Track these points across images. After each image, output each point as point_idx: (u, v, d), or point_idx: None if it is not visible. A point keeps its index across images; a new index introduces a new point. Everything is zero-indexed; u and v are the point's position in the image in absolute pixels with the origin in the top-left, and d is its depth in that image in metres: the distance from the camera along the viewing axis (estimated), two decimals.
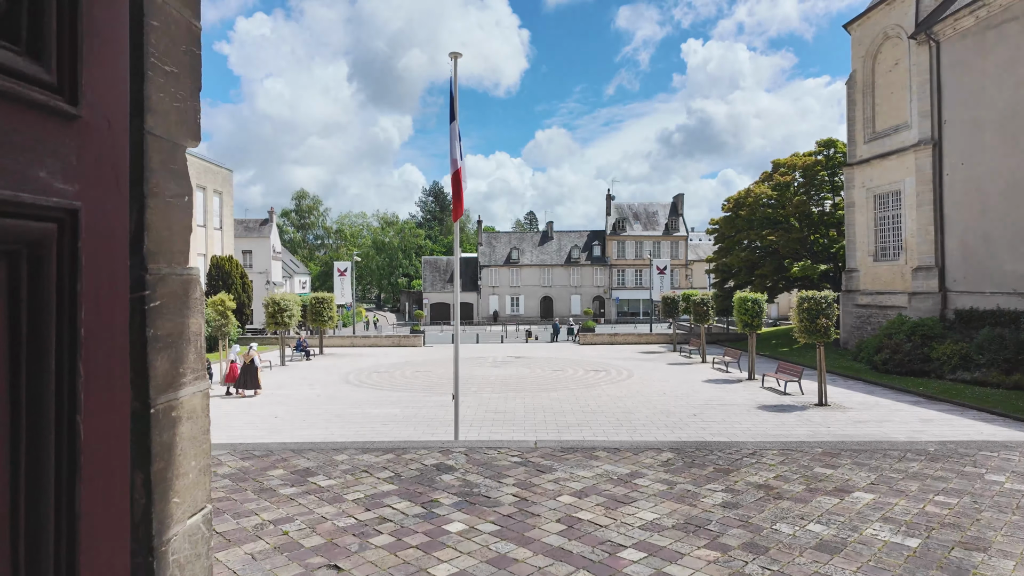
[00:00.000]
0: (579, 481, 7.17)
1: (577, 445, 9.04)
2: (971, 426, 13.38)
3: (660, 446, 8.91)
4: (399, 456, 8.23)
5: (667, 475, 7.44)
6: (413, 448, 8.80)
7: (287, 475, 7.46)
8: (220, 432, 13.18)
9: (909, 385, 18.89)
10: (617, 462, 7.94)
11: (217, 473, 7.30)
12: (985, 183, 21.99)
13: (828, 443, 9.32)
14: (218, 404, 16.78)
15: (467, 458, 8.08)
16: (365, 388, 19.61)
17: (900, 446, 9.07)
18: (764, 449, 8.62)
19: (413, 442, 9.56)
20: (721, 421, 14.14)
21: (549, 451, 8.41)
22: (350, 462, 7.94)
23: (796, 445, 8.97)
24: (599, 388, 19.41)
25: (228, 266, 37.26)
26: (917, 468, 7.73)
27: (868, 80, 27.80)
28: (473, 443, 9.28)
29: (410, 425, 13.78)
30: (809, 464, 7.96)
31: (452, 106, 10.55)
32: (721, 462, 7.99)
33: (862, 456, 8.37)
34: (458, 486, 6.95)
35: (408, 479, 7.25)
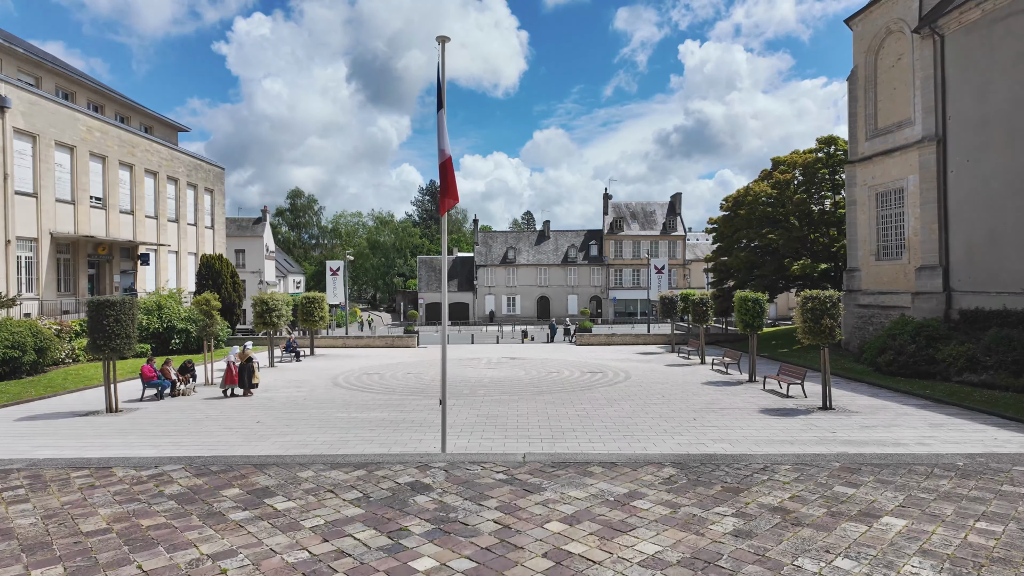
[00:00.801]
0: (570, 503, 6.52)
1: (569, 459, 8.42)
2: (983, 431, 12.82)
3: (661, 460, 8.28)
4: (370, 473, 7.59)
5: (670, 495, 6.81)
6: (387, 463, 8.17)
7: (242, 496, 6.81)
8: (197, 438, 12.54)
9: (915, 387, 18.34)
10: (614, 479, 7.32)
11: (164, 494, 6.63)
12: (991, 180, 21.46)
13: (846, 456, 8.71)
14: (202, 407, 16.13)
15: (446, 475, 7.46)
16: (354, 391, 18.97)
17: (925, 460, 8.43)
18: (776, 463, 7.98)
19: (389, 456, 8.89)
20: (723, 426, 13.54)
21: (538, 466, 7.79)
22: (315, 480, 7.28)
23: (811, 459, 8.35)
24: (595, 391, 18.81)
25: (218, 265, 36.53)
26: (948, 487, 7.10)
27: (870, 76, 27.25)
28: (456, 457, 8.63)
29: (397, 430, 13.15)
30: (827, 481, 7.34)
31: (440, 94, 9.91)
32: (729, 479, 7.36)
33: (885, 472, 7.75)
34: (433, 510, 6.29)
35: (377, 501, 6.59)
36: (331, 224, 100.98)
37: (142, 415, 15.23)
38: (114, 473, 8.12)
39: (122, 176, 33.75)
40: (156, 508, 6.42)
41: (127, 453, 10.55)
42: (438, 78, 9.84)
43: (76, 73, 36.73)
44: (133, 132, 34.87)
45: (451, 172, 9.79)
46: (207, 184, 42.56)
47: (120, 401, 16.62)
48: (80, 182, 30.08)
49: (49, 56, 36.27)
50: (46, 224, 27.80)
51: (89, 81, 36.74)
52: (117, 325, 15.23)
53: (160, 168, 36.79)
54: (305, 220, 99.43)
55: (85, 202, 30.47)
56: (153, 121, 41.55)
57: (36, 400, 17.44)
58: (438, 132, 9.89)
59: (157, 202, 36.79)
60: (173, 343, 28.56)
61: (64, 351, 23.45)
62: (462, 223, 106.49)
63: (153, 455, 9.93)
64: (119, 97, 38.53)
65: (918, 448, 11.34)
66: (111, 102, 37.75)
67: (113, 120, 34.54)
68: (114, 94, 38.21)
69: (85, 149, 30.37)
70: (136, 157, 34.57)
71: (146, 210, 35.66)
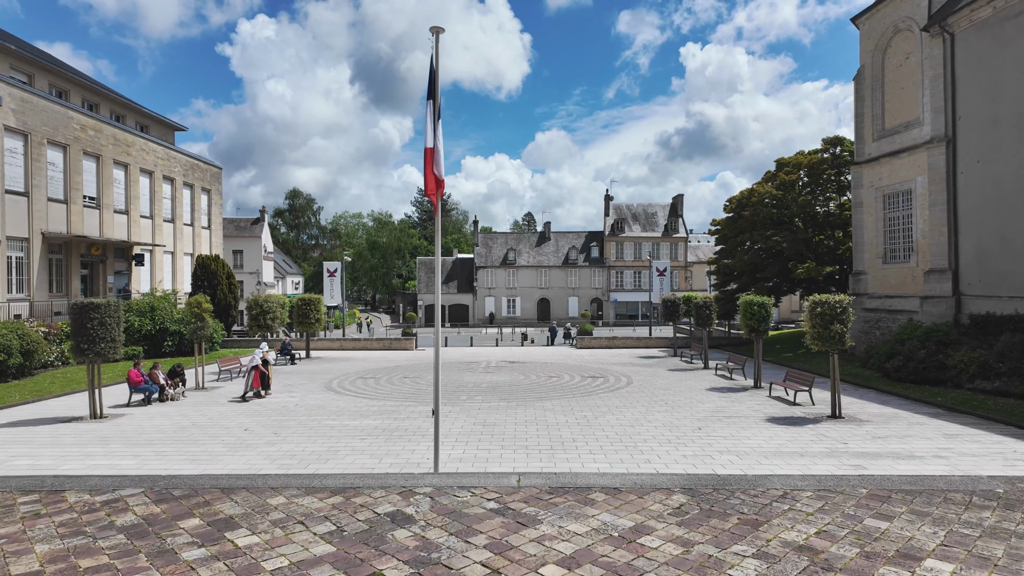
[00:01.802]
0: (569, 540, 5.85)
1: (568, 483, 7.81)
2: (1001, 443, 12.28)
3: (670, 484, 7.63)
4: (348, 500, 6.91)
5: (681, 530, 6.12)
6: (368, 488, 7.54)
7: (201, 528, 6.11)
8: (180, 447, 12.02)
9: (925, 395, 17.79)
10: (618, 509, 6.67)
11: (114, 525, 6.01)
12: (1003, 182, 20.92)
13: (871, 478, 8.04)
14: (190, 413, 15.61)
15: (432, 503, 6.80)
16: (348, 396, 18.45)
17: (960, 486, 7.74)
18: (796, 489, 7.38)
19: (373, 476, 8.22)
20: (729, 436, 13.01)
21: (535, 493, 7.20)
22: (286, 508, 6.64)
23: (834, 484, 7.68)
24: (597, 397, 18.28)
25: (214, 266, 36.02)
26: (992, 520, 6.44)
27: (877, 75, 26.72)
28: (443, 482, 7.93)
29: (390, 439, 12.62)
30: (856, 513, 6.65)
31: (432, 84, 9.42)
32: (746, 509, 6.69)
33: (919, 501, 7.08)
34: (413, 548, 5.59)
35: (352, 536, 5.92)
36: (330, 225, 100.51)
37: (127, 422, 14.71)
38: (65, 498, 7.62)
39: (117, 175, 33.27)
40: (101, 544, 5.77)
41: (89, 470, 9.94)
42: (431, 68, 9.37)
43: (70, 71, 36.27)
44: (128, 131, 34.39)
45: (432, 163, 9.30)
46: (204, 184, 42.10)
47: (106, 407, 16.12)
48: (73, 181, 29.59)
49: (42, 54, 35.81)
50: (38, 224, 27.31)
51: (83, 79, 36.27)
52: (102, 328, 14.72)
53: (156, 167, 36.31)
54: (304, 221, 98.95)
55: (78, 201, 29.99)
56: (149, 120, 41.09)
57: (20, 405, 16.93)
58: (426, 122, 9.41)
59: (153, 202, 36.30)
60: (166, 345, 28.04)
61: (53, 354, 22.94)
62: (462, 224, 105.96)
63: (116, 474, 9.31)
64: (114, 95, 38.06)
65: (937, 463, 10.81)
66: (106, 100, 37.28)
67: (108, 119, 34.07)
68: (109, 92, 37.75)
69: (78, 148, 29.89)
70: (131, 156, 34.10)
71: (141, 210, 35.17)
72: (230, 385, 20.71)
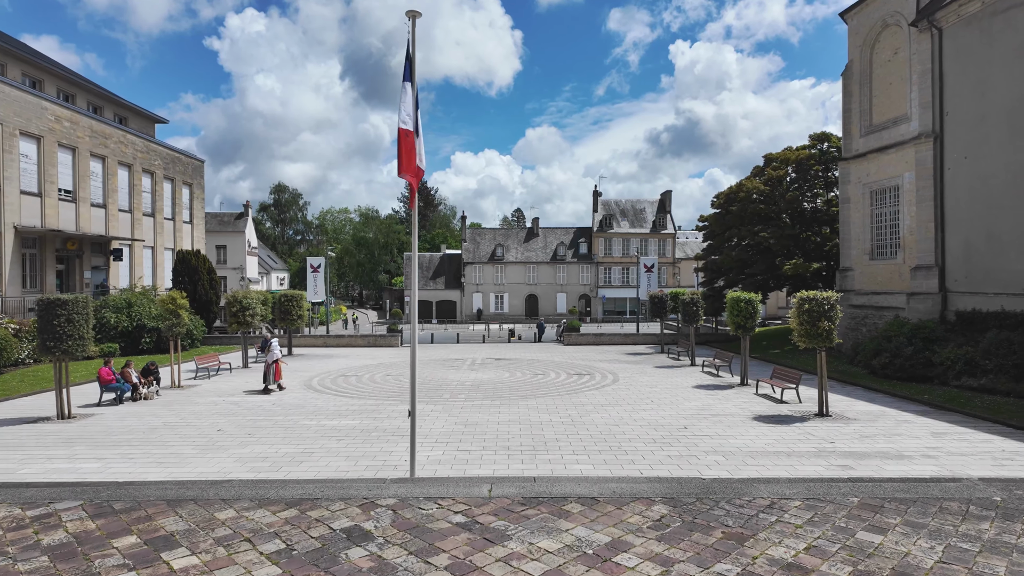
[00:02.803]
0: (539, 559, 5.41)
1: (543, 493, 7.43)
2: (989, 442, 12.12)
3: (651, 493, 7.27)
4: (303, 513, 6.38)
5: (661, 546, 5.72)
6: (326, 499, 7.05)
7: (136, 547, 5.52)
8: (148, 449, 11.57)
9: (912, 392, 17.67)
10: (594, 522, 6.26)
11: (40, 544, 5.48)
12: (990, 178, 20.84)
13: (862, 485, 7.64)
14: (162, 413, 15.11)
15: (394, 517, 6.31)
16: (328, 394, 18.01)
17: (955, 493, 7.47)
18: (784, 499, 7.04)
19: (334, 485, 7.69)
20: (715, 435, 12.75)
21: (506, 504, 6.76)
22: (235, 523, 6.10)
23: (823, 492, 7.42)
24: (582, 395, 17.99)
25: (195, 261, 35.30)
26: (992, 532, 6.09)
27: (865, 71, 26.59)
28: (412, 486, 7.43)
29: (368, 440, 12.23)
30: (847, 525, 6.28)
31: (409, 67, 9.05)
32: (731, 521, 6.31)
33: (913, 511, 6.72)
34: (366, 571, 5.11)
35: (302, 556, 5.40)
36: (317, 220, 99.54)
37: (95, 422, 14.19)
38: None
39: (94, 168, 32.44)
40: (20, 567, 5.12)
41: (41, 476, 9.38)
42: (408, 52, 9.00)
43: (46, 61, 35.33)
44: (106, 123, 33.55)
45: (405, 145, 8.93)
46: (185, 177, 41.28)
47: (75, 406, 15.58)
48: (48, 174, 28.79)
49: (15, 42, 34.84)
50: (9, 217, 26.53)
51: (59, 69, 35.35)
52: (69, 325, 14.18)
53: (135, 160, 35.48)
54: (290, 216, 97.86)
55: (53, 195, 29.19)
56: (128, 112, 40.18)
57: None
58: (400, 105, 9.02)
59: (132, 195, 35.47)
60: (144, 342, 27.41)
61: (24, 351, 22.29)
62: (450, 220, 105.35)
63: (63, 480, 8.69)
64: (91, 86, 37.15)
65: (926, 463, 10.61)
66: (83, 91, 36.37)
67: (84, 110, 33.22)
68: (86, 83, 36.84)
69: (53, 139, 29.07)
70: (109, 148, 33.27)
71: (120, 204, 34.36)
72: (208, 383, 20.20)
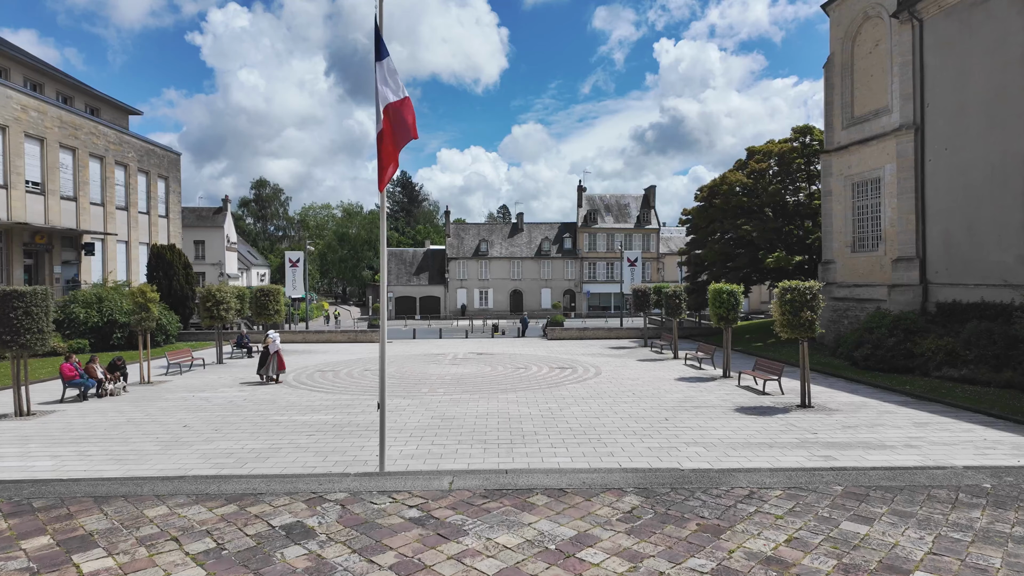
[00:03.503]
0: (495, 556, 4.95)
1: (508, 484, 6.93)
2: (971, 431, 12.01)
3: (623, 483, 6.89)
4: (243, 509, 5.87)
5: (630, 540, 5.29)
6: (271, 494, 6.50)
7: (46, 549, 4.99)
8: (107, 446, 11.07)
9: (894, 383, 17.61)
10: (559, 515, 5.83)
11: None
12: (970, 169, 20.85)
13: (846, 473, 7.24)
14: (128, 409, 14.56)
15: (341, 512, 5.80)
16: (303, 390, 17.54)
17: (943, 480, 7.13)
18: (764, 488, 6.64)
19: (282, 478, 7.13)
20: (696, 427, 12.51)
21: (467, 496, 6.31)
22: (164, 520, 5.58)
23: (806, 480, 7.02)
24: (563, 388, 17.70)
25: (170, 255, 34.48)
26: (984, 521, 5.75)
27: (847, 63, 26.54)
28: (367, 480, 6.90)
29: (339, 435, 11.82)
30: (831, 515, 5.92)
31: (378, 44, 8.65)
32: (707, 512, 5.91)
33: (900, 500, 6.35)
34: (300, 572, 4.65)
35: (232, 556, 4.90)
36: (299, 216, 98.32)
37: (56, 419, 13.62)
38: None
39: (63, 160, 31.52)
40: None
41: None
42: (375, 26, 8.59)
43: (12, 49, 34.24)
44: (76, 113, 32.60)
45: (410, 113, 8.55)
46: (161, 171, 40.33)
47: (37, 403, 14.99)
48: (14, 165, 27.87)
49: None
50: None
51: (26, 58, 34.30)
52: (27, 318, 13.58)
53: (107, 152, 34.55)
54: (271, 211, 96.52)
55: (20, 187, 28.27)
56: (100, 103, 39.14)
57: None
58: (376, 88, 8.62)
59: (104, 188, 34.55)
60: (115, 338, 26.66)
61: None
62: (434, 215, 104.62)
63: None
64: (61, 76, 36.12)
65: (909, 453, 10.44)
66: (52, 81, 35.34)
67: (53, 100, 32.25)
68: (55, 72, 35.81)
69: (19, 129, 28.15)
70: (79, 140, 32.34)
71: (91, 197, 33.43)
72: (179, 379, 19.62)
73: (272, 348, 19.14)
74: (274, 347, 19.15)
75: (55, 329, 26.13)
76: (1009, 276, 19.15)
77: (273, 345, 19.15)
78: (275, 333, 19.83)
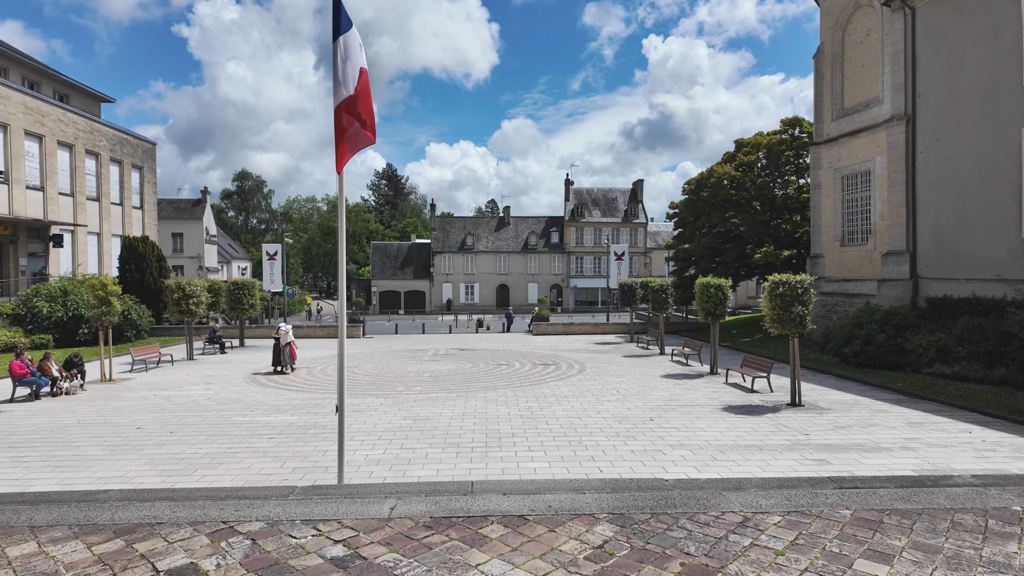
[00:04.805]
0: None
1: (459, 511, 5.75)
2: (968, 431, 11.48)
3: (595, 507, 5.84)
4: (130, 545, 4.78)
5: None
6: (173, 523, 5.30)
7: None
8: (47, 451, 10.21)
9: (885, 380, 17.12)
10: (516, 551, 4.82)
11: None
12: (961, 161, 20.39)
13: (854, 491, 6.30)
14: (81, 409, 13.66)
15: (250, 548, 4.72)
16: (271, 388, 16.70)
17: (967, 502, 6.06)
18: (759, 512, 5.73)
19: (191, 502, 5.94)
20: (682, 427, 11.88)
21: (408, 527, 5.25)
22: (25, 564, 4.43)
23: (807, 502, 5.96)
24: (545, 386, 17.02)
25: (142, 248, 33.34)
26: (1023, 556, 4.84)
27: (837, 53, 26.01)
28: (296, 504, 5.87)
29: (302, 438, 11.05)
30: (841, 549, 4.90)
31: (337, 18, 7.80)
32: (693, 547, 4.95)
33: (920, 527, 5.32)
34: None
35: None
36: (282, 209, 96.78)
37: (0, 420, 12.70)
38: None
39: (29, 147, 30.28)
40: None
41: None
42: None
43: None
44: (42, 99, 31.32)
45: (347, 113, 7.71)
46: (135, 160, 39.06)
47: None
48: None
49: None
50: None
51: None
52: None
53: (77, 140, 33.30)
54: (253, 204, 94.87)
55: None
56: (69, 89, 37.77)
57: None
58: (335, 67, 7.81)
59: (74, 178, 33.32)
60: (81, 333, 25.59)
61: None
62: (420, 208, 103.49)
63: None
64: (27, 60, 34.74)
65: (906, 456, 9.87)
66: (17, 65, 33.98)
67: (18, 84, 30.95)
68: (21, 57, 34.42)
69: None
70: (46, 127, 31.09)
71: (60, 186, 32.22)
72: (144, 377, 18.69)
73: (284, 340, 19.22)
74: (285, 339, 19.25)
75: (16, 324, 25.02)
76: (1001, 271, 18.72)
77: (285, 337, 19.25)
78: (286, 325, 19.96)
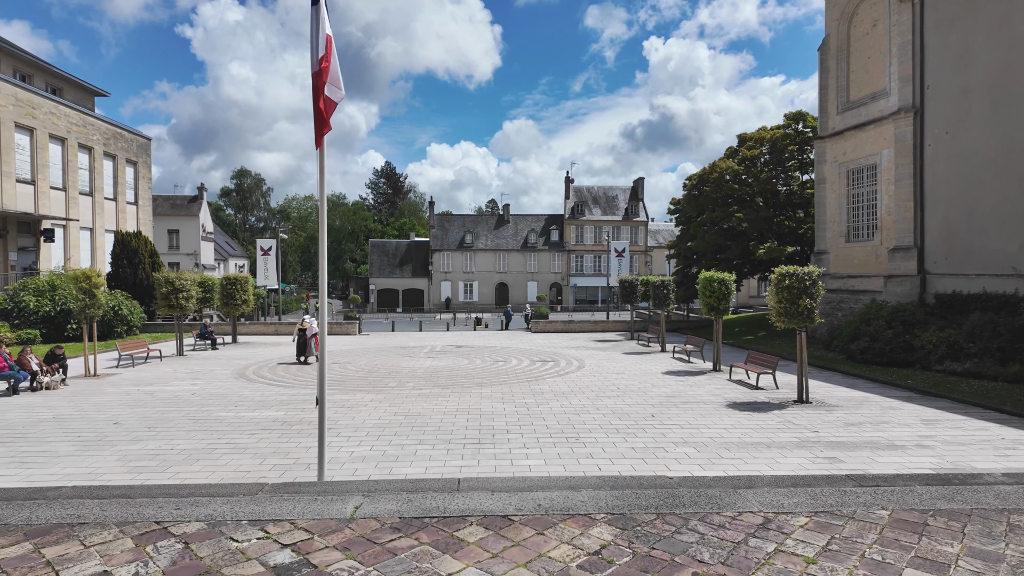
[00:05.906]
0: None
1: (436, 509, 5.00)
2: (985, 429, 10.95)
3: (593, 506, 5.11)
4: (38, 549, 4.19)
5: None
6: (98, 523, 4.71)
7: None
8: (16, 447, 9.69)
9: (894, 377, 16.58)
10: (496, 559, 4.11)
11: None
12: (972, 154, 19.85)
13: (885, 488, 5.47)
14: (59, 404, 13.14)
15: (180, 554, 4.11)
16: (259, 383, 16.17)
17: (1016, 500, 5.37)
18: (782, 512, 4.81)
19: (130, 499, 5.40)
20: (685, 424, 11.35)
21: (372, 529, 4.53)
22: None
23: (837, 501, 5.09)
24: (543, 382, 16.48)
25: (135, 243, 32.83)
26: None
27: (843, 45, 25.47)
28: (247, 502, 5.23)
29: (286, 435, 10.52)
30: (884, 557, 4.10)
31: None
32: (707, 554, 4.17)
33: (973, 530, 4.55)
34: None
35: None
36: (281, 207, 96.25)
37: None
38: None
39: (20, 141, 29.74)
40: None
41: None
42: None
43: None
44: (33, 91, 30.77)
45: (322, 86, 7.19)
46: (129, 155, 38.52)
47: None
48: None
49: None
50: None
51: None
52: None
53: (70, 134, 32.76)
54: (252, 202, 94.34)
55: None
56: (62, 82, 37.24)
57: None
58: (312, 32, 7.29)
59: (66, 172, 32.77)
60: (69, 328, 25.08)
61: None
62: (419, 206, 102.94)
63: None
64: (19, 52, 34.20)
65: (922, 454, 9.34)
66: (8, 57, 33.44)
67: (9, 76, 30.42)
68: (12, 49, 33.88)
69: None
70: (38, 120, 30.55)
71: (51, 181, 31.67)
72: (130, 372, 18.17)
73: (310, 332, 19.99)
74: (312, 331, 20.01)
75: (2, 318, 24.50)
76: (1015, 265, 18.18)
77: (311, 329, 20.03)
78: (312, 318, 20.88)
